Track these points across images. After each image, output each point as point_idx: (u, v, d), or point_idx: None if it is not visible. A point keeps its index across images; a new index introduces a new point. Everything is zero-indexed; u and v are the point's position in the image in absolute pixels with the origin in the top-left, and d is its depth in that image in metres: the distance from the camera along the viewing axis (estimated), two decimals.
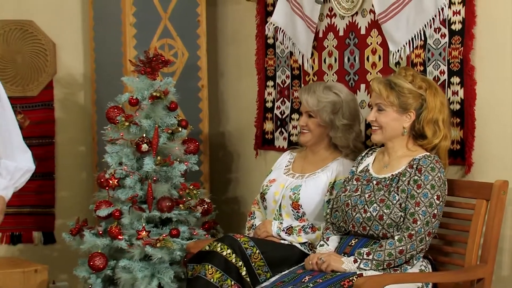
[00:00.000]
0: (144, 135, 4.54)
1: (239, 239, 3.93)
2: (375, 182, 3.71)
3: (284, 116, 4.95)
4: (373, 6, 4.26)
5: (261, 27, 5.05)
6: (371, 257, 3.56)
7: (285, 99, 4.93)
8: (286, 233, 4.10)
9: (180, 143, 4.65)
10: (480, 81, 3.85)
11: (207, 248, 3.94)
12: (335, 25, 4.56)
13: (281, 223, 4.14)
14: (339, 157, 4.15)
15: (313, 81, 4.67)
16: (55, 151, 5.42)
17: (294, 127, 4.87)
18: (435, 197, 3.56)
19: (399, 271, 3.58)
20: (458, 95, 3.94)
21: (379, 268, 3.55)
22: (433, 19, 4.00)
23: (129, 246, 4.44)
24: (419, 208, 3.55)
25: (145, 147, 4.49)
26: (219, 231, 4.86)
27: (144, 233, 4.43)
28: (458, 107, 3.94)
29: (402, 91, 3.65)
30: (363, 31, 4.41)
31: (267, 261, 3.93)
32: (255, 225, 4.28)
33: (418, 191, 3.57)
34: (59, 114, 5.43)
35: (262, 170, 4.93)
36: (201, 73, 5.22)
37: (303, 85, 4.77)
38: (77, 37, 5.48)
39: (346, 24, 4.50)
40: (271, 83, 5.03)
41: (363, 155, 3.91)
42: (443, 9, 3.96)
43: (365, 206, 3.65)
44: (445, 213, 3.70)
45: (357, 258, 3.58)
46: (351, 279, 3.49)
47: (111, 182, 4.51)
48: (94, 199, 4.75)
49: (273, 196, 4.20)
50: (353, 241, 3.71)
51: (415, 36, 4.09)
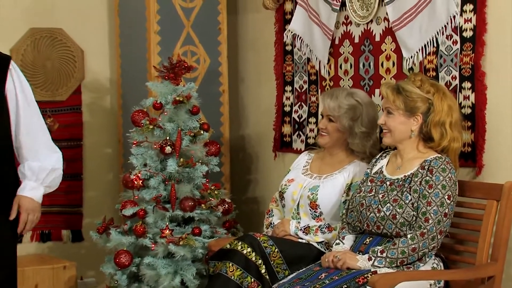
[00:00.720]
0: (167, 138, 4.54)
1: (258, 238, 3.93)
2: (388, 183, 3.70)
3: (301, 119, 4.94)
4: (387, 14, 4.25)
5: (279, 34, 5.05)
6: (384, 255, 3.55)
7: (302, 103, 4.93)
8: (303, 232, 4.09)
9: (202, 145, 4.66)
10: (490, 86, 3.84)
11: (228, 246, 3.94)
12: (351, 33, 4.55)
13: (299, 222, 4.13)
14: (356, 160, 4.14)
15: (329, 86, 4.67)
16: (83, 153, 5.44)
17: (311, 130, 4.86)
18: (446, 197, 3.55)
19: (412, 269, 3.57)
20: (469, 100, 3.93)
21: (393, 265, 3.55)
22: (445, 26, 3.99)
23: (153, 244, 4.44)
24: (430, 207, 3.54)
25: (168, 149, 4.50)
26: (239, 230, 4.86)
27: (167, 231, 4.43)
28: (469, 111, 3.93)
29: (409, 95, 3.65)
30: (377, 38, 4.40)
31: (285, 259, 3.93)
32: (273, 223, 4.27)
33: (429, 191, 3.56)
34: (87, 117, 5.45)
35: (280, 171, 4.93)
36: (222, 78, 5.22)
37: (320, 90, 4.77)
38: (104, 44, 5.50)
39: (361, 31, 4.49)
40: (289, 88, 5.03)
41: (377, 157, 3.90)
42: (455, 17, 3.95)
43: (379, 206, 3.65)
44: (456, 213, 3.69)
45: (371, 256, 3.58)
46: (365, 276, 3.49)
47: (136, 182, 4.52)
48: (120, 199, 4.76)
49: (292, 195, 4.19)
50: (368, 240, 3.70)
51: (427, 42, 4.09)
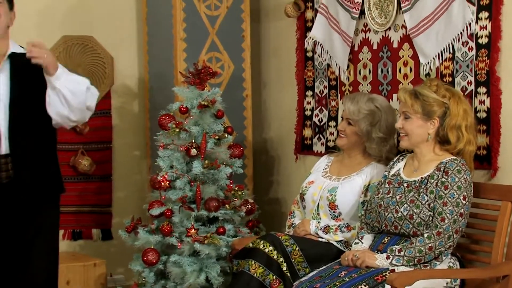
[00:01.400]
0: (193, 141, 4.55)
1: (280, 237, 3.93)
2: (405, 184, 3.69)
3: (322, 123, 4.94)
4: (404, 21, 4.24)
5: (301, 41, 5.05)
6: (402, 253, 3.54)
7: (323, 107, 4.92)
8: (323, 231, 4.09)
9: (226, 148, 4.66)
10: (505, 91, 3.83)
11: (251, 245, 3.94)
12: (370, 39, 4.54)
13: (319, 222, 4.13)
14: (373, 162, 4.13)
15: (349, 91, 4.66)
16: (112, 155, 5.45)
17: (331, 134, 4.86)
18: (462, 197, 3.54)
19: (428, 267, 3.56)
20: (484, 104, 3.91)
21: (410, 264, 3.54)
22: (461, 33, 3.97)
23: (179, 242, 4.45)
24: (446, 207, 3.53)
25: (194, 151, 4.51)
26: (262, 229, 4.86)
27: (193, 230, 4.44)
28: (484, 115, 3.91)
29: (426, 100, 3.63)
30: (395, 45, 4.39)
31: (306, 258, 3.92)
32: (295, 224, 4.27)
33: (445, 191, 3.55)
34: (116, 121, 5.46)
35: (301, 173, 4.93)
36: (245, 83, 5.22)
37: (339, 95, 4.76)
38: (133, 51, 5.51)
39: (379, 38, 4.48)
40: (310, 93, 5.02)
41: (395, 160, 3.89)
42: (470, 24, 3.93)
43: (397, 206, 3.64)
44: (472, 214, 3.67)
45: (389, 254, 3.57)
46: (384, 274, 3.48)
47: (163, 183, 4.53)
48: (147, 199, 4.77)
49: (312, 196, 4.19)
50: (386, 239, 3.69)
51: (444, 49, 4.07)
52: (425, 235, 3.54)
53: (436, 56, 4.11)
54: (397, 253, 3.56)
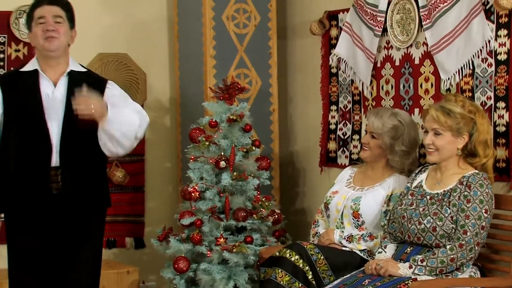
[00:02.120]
0: (222, 154, 4.56)
1: (306, 246, 3.93)
2: (428, 197, 3.67)
3: (346, 137, 4.92)
4: (426, 39, 4.23)
5: (325, 58, 5.04)
6: (425, 263, 3.52)
7: (347, 121, 4.91)
8: (347, 240, 4.07)
9: (253, 160, 4.66)
10: None
11: (278, 254, 3.94)
12: (392, 56, 4.53)
13: (343, 231, 4.11)
14: (396, 173, 4.11)
15: (372, 106, 4.65)
16: (145, 167, 5.46)
17: (354, 147, 4.84)
18: (484, 211, 3.51)
19: (450, 277, 3.53)
20: (503, 118, 3.89)
21: (432, 273, 3.51)
22: (481, 50, 3.96)
23: (209, 251, 4.45)
24: (469, 220, 3.51)
25: (223, 164, 4.52)
26: (288, 238, 4.84)
27: (222, 239, 4.44)
28: (503, 129, 3.88)
29: (457, 116, 3.61)
30: (417, 61, 4.37)
31: (330, 266, 3.91)
32: (319, 233, 4.26)
33: (468, 205, 3.52)
34: (149, 134, 5.48)
35: (326, 184, 4.91)
36: (272, 98, 5.23)
37: (363, 110, 4.75)
38: (165, 68, 5.54)
39: (401, 55, 4.47)
40: (334, 108, 5.01)
41: (417, 172, 3.87)
42: (489, 41, 3.91)
43: (420, 218, 3.62)
44: (492, 225, 3.65)
45: (412, 264, 3.55)
46: (406, 283, 3.46)
47: (193, 194, 4.53)
48: (178, 209, 4.78)
49: (336, 206, 4.18)
50: (409, 249, 3.67)
51: (464, 65, 4.05)
52: (448, 247, 3.51)
53: (456, 72, 4.09)
54: (419, 263, 3.53)
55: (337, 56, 4.88)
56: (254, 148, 4.65)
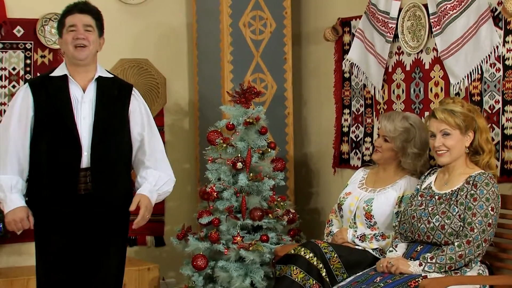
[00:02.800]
0: (239, 155, 4.57)
1: (319, 245, 3.93)
2: (437, 197, 3.67)
3: (358, 139, 4.92)
4: (436, 44, 4.23)
5: (338, 63, 5.05)
6: (434, 261, 3.52)
7: (359, 124, 4.91)
8: (359, 240, 4.07)
9: (269, 162, 4.67)
10: None
11: (292, 251, 3.94)
12: (403, 61, 4.53)
13: (355, 231, 4.11)
14: (407, 175, 4.11)
15: (383, 110, 4.65)
16: None
17: (367, 149, 4.84)
18: (490, 208, 3.51)
19: (459, 274, 3.52)
20: (511, 122, 3.87)
21: (442, 270, 3.51)
22: (489, 55, 3.95)
23: (226, 249, 4.46)
24: (475, 218, 3.50)
25: (239, 165, 4.52)
26: (302, 237, 4.84)
27: (238, 238, 4.45)
28: (511, 132, 3.87)
29: (461, 115, 3.62)
30: (427, 66, 4.37)
31: (343, 264, 3.91)
32: (333, 232, 4.26)
33: (474, 203, 3.52)
34: (168, 137, 5.50)
35: (339, 185, 4.91)
36: (287, 102, 5.23)
37: (375, 113, 4.75)
38: (184, 73, 5.55)
39: (412, 60, 4.46)
40: (347, 111, 5.01)
41: (426, 174, 3.87)
42: (497, 47, 3.91)
43: (429, 217, 3.61)
44: (500, 224, 3.64)
45: (422, 262, 3.55)
46: (417, 280, 3.46)
47: (211, 194, 4.54)
48: (197, 209, 4.79)
49: (349, 206, 4.18)
50: (419, 248, 3.67)
51: (473, 70, 4.04)
52: (456, 244, 3.51)
53: (465, 76, 4.09)
54: (429, 260, 3.53)
55: (350, 61, 4.88)
56: (269, 150, 4.65)
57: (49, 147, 3.59)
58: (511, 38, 3.86)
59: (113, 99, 3.68)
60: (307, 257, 3.87)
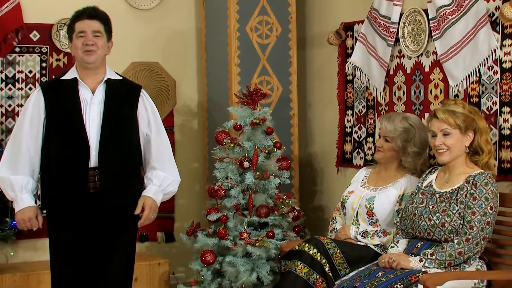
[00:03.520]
0: (246, 155, 4.56)
1: (323, 241, 3.92)
2: (437, 195, 3.66)
3: (360, 139, 4.92)
4: (435, 48, 4.22)
5: (341, 66, 5.04)
6: (434, 257, 3.51)
7: (361, 125, 4.90)
8: (362, 236, 4.06)
9: (275, 161, 4.66)
10: None
11: (297, 247, 3.94)
12: (404, 64, 4.52)
13: (358, 227, 4.11)
14: (407, 174, 4.10)
15: (385, 111, 4.64)
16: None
17: (369, 148, 4.83)
18: (489, 207, 3.50)
19: (458, 269, 3.51)
20: (508, 122, 3.87)
21: (441, 266, 3.50)
22: (487, 59, 3.94)
23: (234, 245, 4.46)
24: (475, 216, 3.49)
25: (246, 164, 4.52)
26: (307, 233, 4.84)
27: (245, 234, 4.45)
28: (508, 132, 3.86)
29: (461, 116, 3.61)
30: (427, 69, 4.36)
31: (346, 259, 3.91)
32: (336, 229, 4.26)
33: (474, 202, 3.51)
34: (178, 137, 5.50)
35: (342, 183, 4.90)
36: (292, 104, 5.23)
37: (376, 114, 4.74)
38: (193, 75, 5.56)
39: (412, 63, 4.45)
40: (350, 112, 5.01)
41: (427, 173, 3.86)
42: (495, 51, 3.89)
43: (430, 215, 3.61)
44: (498, 221, 3.63)
45: (422, 258, 3.54)
46: (417, 275, 3.45)
47: (219, 192, 4.54)
48: (205, 206, 4.79)
49: (352, 204, 4.17)
50: (419, 244, 3.66)
51: (471, 73, 4.04)
52: (455, 241, 3.50)
53: (464, 79, 4.08)
54: (429, 256, 3.52)
55: (352, 64, 4.87)
56: (275, 149, 4.65)
57: (59, 148, 3.60)
58: (508, 42, 3.84)
59: (121, 100, 3.68)
60: (311, 252, 3.86)
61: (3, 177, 3.63)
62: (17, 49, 4.99)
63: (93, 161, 3.60)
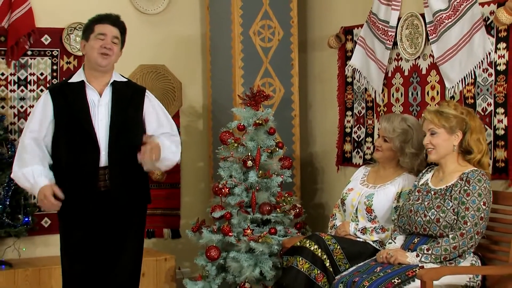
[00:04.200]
0: (249, 154, 4.57)
1: (324, 237, 3.92)
2: (433, 192, 3.66)
3: (360, 139, 4.92)
4: (432, 51, 4.22)
5: (341, 68, 5.04)
6: (430, 252, 3.51)
7: (361, 125, 4.91)
8: (361, 232, 4.06)
9: (277, 160, 4.67)
10: None
11: (298, 243, 3.94)
12: (401, 67, 4.52)
13: (357, 224, 4.11)
14: (405, 173, 4.10)
15: (383, 112, 4.64)
16: (180, 166, 5.48)
17: (368, 148, 4.83)
18: (482, 203, 3.50)
19: (453, 264, 3.51)
20: (502, 123, 3.86)
21: (437, 261, 3.50)
22: (482, 61, 3.94)
23: (237, 241, 4.46)
24: (468, 212, 3.49)
25: (250, 163, 4.53)
26: (308, 230, 4.84)
27: (249, 231, 4.45)
28: (502, 132, 3.86)
29: (449, 116, 3.62)
30: (424, 72, 4.36)
31: (346, 255, 3.90)
32: (336, 225, 4.25)
33: (467, 198, 3.51)
34: (184, 137, 5.50)
35: (342, 182, 4.90)
36: (294, 105, 5.23)
37: (375, 115, 4.74)
38: (198, 77, 5.56)
39: (410, 66, 4.45)
40: (349, 113, 5.01)
41: (423, 172, 3.87)
42: (490, 54, 3.89)
43: (425, 211, 3.61)
44: (492, 218, 3.63)
45: (419, 253, 3.54)
46: (414, 270, 3.46)
47: (223, 190, 4.54)
48: (210, 203, 4.79)
49: (351, 201, 4.17)
50: (416, 240, 3.66)
51: (466, 75, 4.03)
52: (450, 236, 3.50)
53: (459, 81, 4.08)
54: (425, 251, 3.52)
55: (352, 67, 4.87)
56: (277, 149, 4.65)
57: (69, 149, 3.61)
58: (503, 45, 3.84)
59: (127, 101, 3.69)
60: (312, 248, 3.87)
61: (15, 175, 3.64)
62: (29, 52, 5.00)
63: (103, 160, 3.61)
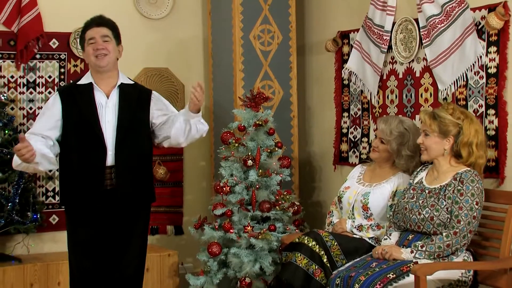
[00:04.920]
0: (249, 154, 4.57)
1: (321, 234, 3.93)
2: (427, 191, 3.66)
3: (356, 139, 4.92)
4: (425, 55, 4.22)
5: (338, 71, 5.04)
6: (424, 248, 3.51)
7: (357, 126, 4.91)
8: (357, 229, 4.06)
9: (276, 159, 4.67)
10: (511, 112, 3.78)
11: (297, 240, 3.94)
12: (396, 70, 4.52)
13: (354, 221, 4.10)
14: (400, 172, 4.09)
15: (379, 113, 4.64)
16: (183, 166, 5.48)
17: (363, 148, 4.83)
18: (475, 203, 3.50)
19: (446, 260, 3.51)
20: (493, 124, 3.86)
21: (431, 257, 3.50)
22: (473, 64, 3.94)
23: (238, 237, 4.46)
24: (462, 211, 3.49)
25: (250, 162, 4.53)
26: (306, 227, 4.84)
27: (249, 228, 4.45)
28: (493, 133, 3.86)
29: (443, 121, 3.60)
30: (417, 74, 4.36)
31: (343, 251, 3.91)
32: (333, 222, 4.25)
33: (461, 198, 3.51)
34: None
35: (339, 180, 4.90)
36: (292, 106, 5.23)
37: (371, 116, 4.74)
38: (200, 80, 5.52)
39: (404, 68, 4.46)
40: (346, 114, 5.01)
41: (418, 170, 3.86)
42: (481, 57, 3.89)
43: (420, 209, 3.61)
44: (483, 216, 3.63)
45: (413, 249, 3.54)
46: (408, 265, 3.46)
47: (224, 189, 4.55)
48: (211, 201, 4.79)
49: (348, 199, 4.17)
50: (410, 237, 3.66)
51: (459, 77, 4.04)
52: (444, 234, 3.50)
53: (452, 83, 4.08)
54: (420, 248, 3.53)
55: (348, 70, 4.87)
56: (276, 149, 4.65)
57: (77, 148, 3.61)
58: (493, 49, 3.84)
59: (134, 103, 3.69)
60: (310, 245, 3.87)
61: (14, 161, 3.55)
62: (38, 56, 5.00)
63: (110, 160, 3.61)
